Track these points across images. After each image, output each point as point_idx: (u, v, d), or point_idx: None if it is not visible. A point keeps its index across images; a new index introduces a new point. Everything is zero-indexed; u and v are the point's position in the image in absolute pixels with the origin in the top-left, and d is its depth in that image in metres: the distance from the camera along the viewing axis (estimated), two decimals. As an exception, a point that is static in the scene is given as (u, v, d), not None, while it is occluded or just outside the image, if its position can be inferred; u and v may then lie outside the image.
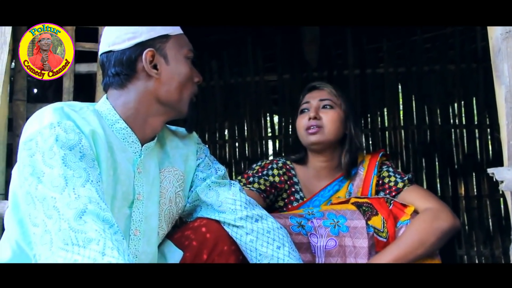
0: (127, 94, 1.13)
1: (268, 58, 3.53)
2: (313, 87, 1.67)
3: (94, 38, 1.70)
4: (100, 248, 0.88)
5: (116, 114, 1.13)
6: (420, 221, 1.36)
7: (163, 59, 1.14)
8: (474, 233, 3.34)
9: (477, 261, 3.33)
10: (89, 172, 0.97)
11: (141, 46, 1.12)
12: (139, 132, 1.15)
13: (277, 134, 3.64)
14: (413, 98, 3.47)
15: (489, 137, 3.38)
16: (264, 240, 1.22)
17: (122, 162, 1.11)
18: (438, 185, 3.40)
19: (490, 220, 3.35)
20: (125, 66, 1.12)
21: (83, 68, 1.74)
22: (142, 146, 1.16)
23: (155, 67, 1.13)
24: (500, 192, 3.45)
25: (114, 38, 1.13)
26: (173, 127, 1.31)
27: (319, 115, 1.57)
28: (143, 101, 1.14)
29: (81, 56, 1.74)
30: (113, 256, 0.87)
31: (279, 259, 1.20)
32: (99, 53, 1.18)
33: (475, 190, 3.38)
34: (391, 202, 1.41)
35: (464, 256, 3.32)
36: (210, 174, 1.29)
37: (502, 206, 3.31)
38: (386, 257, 1.31)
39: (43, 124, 0.99)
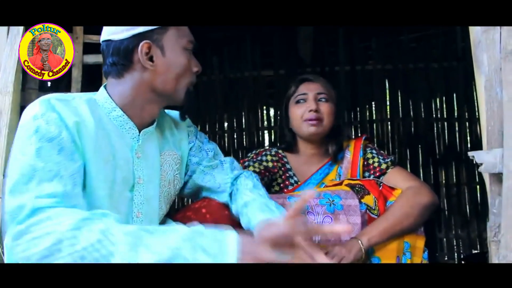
0: (123, 83, 1.08)
1: (265, 55, 3.50)
2: (306, 79, 1.64)
3: (102, 30, 1.67)
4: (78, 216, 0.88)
5: (113, 103, 1.08)
6: (404, 197, 1.39)
7: (159, 51, 1.07)
8: (453, 217, 3.37)
9: (455, 243, 3.36)
10: (62, 167, 0.94)
11: (138, 37, 1.05)
12: (137, 118, 1.11)
13: (272, 125, 3.64)
14: (399, 93, 3.46)
15: (467, 129, 3.38)
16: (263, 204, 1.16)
17: (120, 148, 1.08)
18: (421, 174, 3.40)
19: (467, 206, 3.37)
20: (122, 57, 1.06)
21: (91, 59, 1.72)
22: (140, 131, 1.12)
23: (151, 58, 1.07)
24: (477, 180, 3.50)
25: (114, 27, 1.08)
26: (171, 113, 1.28)
27: (319, 108, 1.56)
28: (139, 90, 1.09)
29: (89, 47, 1.71)
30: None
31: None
32: (100, 40, 1.12)
33: (454, 179, 3.39)
34: (381, 184, 1.43)
35: (443, 239, 3.34)
36: (202, 158, 1.27)
37: (478, 194, 3.34)
38: (376, 228, 1.32)
39: (29, 115, 0.97)
